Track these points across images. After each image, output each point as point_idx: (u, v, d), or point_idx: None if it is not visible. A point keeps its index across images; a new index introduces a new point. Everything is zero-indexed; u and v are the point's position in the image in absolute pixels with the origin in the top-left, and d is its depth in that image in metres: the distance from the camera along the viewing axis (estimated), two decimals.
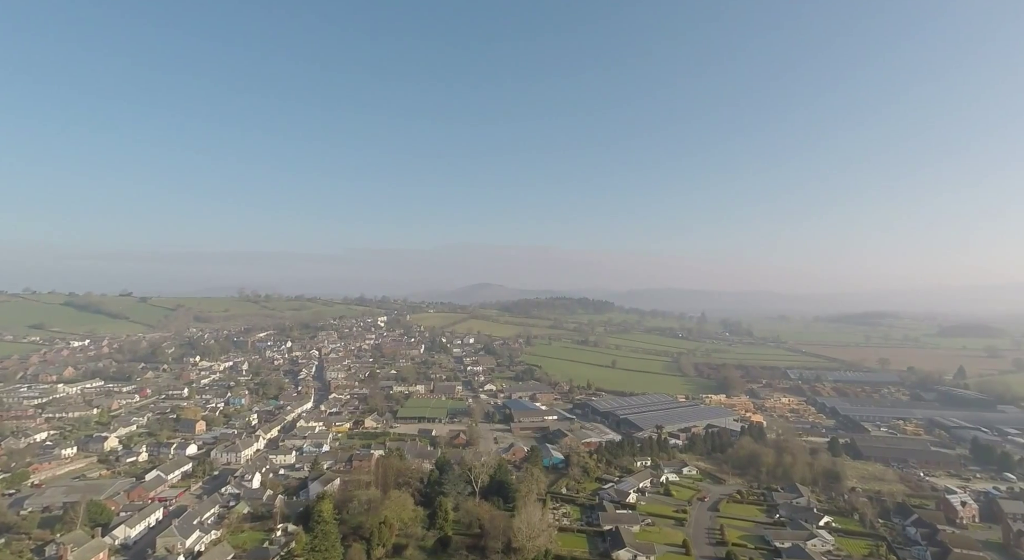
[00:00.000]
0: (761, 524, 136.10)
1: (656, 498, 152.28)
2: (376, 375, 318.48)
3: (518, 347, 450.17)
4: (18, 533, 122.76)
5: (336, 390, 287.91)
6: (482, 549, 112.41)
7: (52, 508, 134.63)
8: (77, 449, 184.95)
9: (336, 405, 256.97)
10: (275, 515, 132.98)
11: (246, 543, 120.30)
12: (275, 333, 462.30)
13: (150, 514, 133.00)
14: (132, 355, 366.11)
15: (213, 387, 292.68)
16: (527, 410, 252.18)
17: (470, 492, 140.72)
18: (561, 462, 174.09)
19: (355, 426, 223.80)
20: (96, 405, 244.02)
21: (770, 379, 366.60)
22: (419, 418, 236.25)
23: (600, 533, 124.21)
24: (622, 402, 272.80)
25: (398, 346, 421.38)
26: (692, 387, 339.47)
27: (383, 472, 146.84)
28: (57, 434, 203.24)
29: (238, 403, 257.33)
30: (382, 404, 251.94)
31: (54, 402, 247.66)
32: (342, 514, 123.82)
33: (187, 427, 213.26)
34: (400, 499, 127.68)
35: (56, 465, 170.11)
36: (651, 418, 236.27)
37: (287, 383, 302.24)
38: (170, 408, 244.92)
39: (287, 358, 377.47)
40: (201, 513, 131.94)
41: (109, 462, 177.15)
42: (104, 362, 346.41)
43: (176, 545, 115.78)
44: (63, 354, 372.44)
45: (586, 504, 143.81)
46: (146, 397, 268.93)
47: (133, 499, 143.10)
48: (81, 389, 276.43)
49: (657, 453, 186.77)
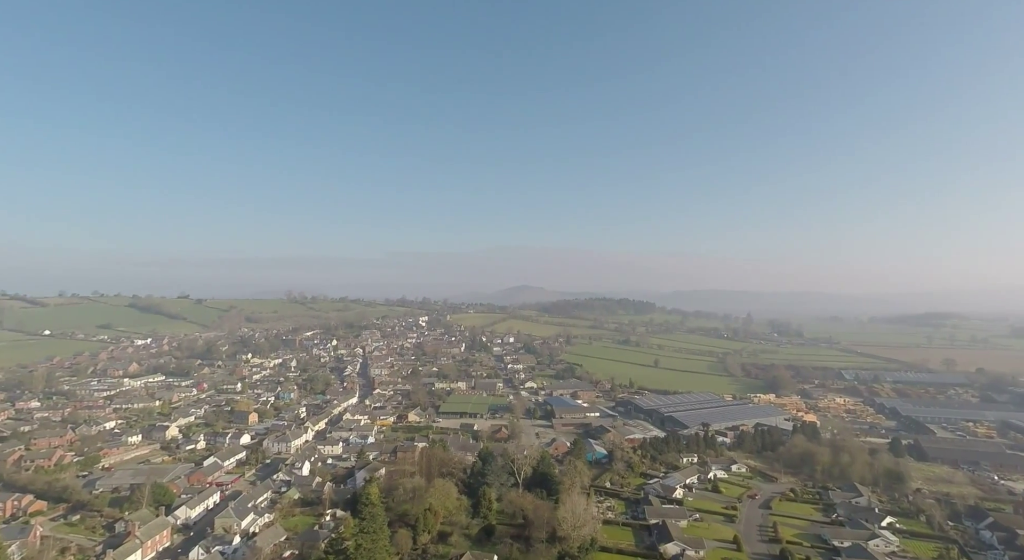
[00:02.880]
0: (817, 523, 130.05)
1: (704, 494, 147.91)
2: (418, 372, 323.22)
3: (558, 346, 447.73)
4: (91, 511, 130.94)
5: (380, 386, 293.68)
6: (526, 539, 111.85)
7: (120, 489, 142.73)
8: (142, 437, 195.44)
9: (380, 400, 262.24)
10: (324, 501, 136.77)
11: (297, 526, 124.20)
12: (321, 332, 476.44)
13: (208, 497, 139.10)
14: (190, 352, 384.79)
15: (264, 382, 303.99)
16: (569, 407, 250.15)
17: (513, 483, 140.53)
18: (604, 457, 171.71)
19: (399, 420, 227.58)
20: (158, 397, 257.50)
21: (823, 379, 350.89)
22: (461, 413, 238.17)
23: (646, 527, 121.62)
24: (666, 400, 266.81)
25: (439, 345, 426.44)
26: (739, 387, 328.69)
27: (427, 462, 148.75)
28: (124, 423, 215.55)
29: (287, 397, 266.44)
30: (424, 400, 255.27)
31: (121, 394, 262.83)
32: (388, 501, 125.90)
33: (241, 419, 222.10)
34: (444, 488, 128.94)
35: (123, 451, 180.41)
36: (696, 416, 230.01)
37: (333, 379, 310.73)
38: (225, 401, 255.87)
39: (333, 356, 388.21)
40: (255, 497, 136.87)
41: (170, 449, 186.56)
42: (165, 359, 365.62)
43: (232, 526, 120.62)
44: (128, 351, 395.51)
45: (631, 498, 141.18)
46: (203, 391, 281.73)
47: (193, 483, 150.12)
48: (144, 383, 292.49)
49: (704, 450, 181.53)
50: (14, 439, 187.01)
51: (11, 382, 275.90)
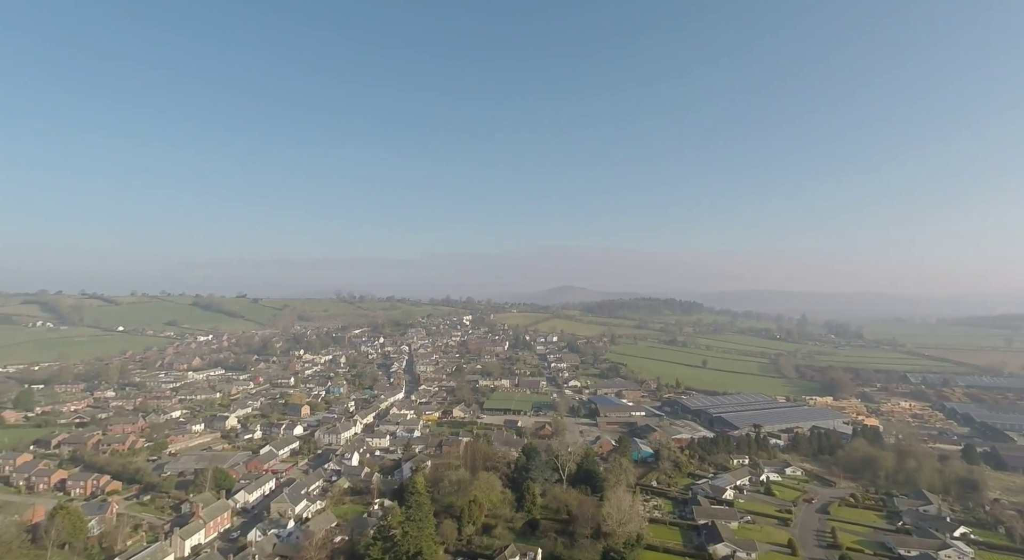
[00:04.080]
0: (881, 530, 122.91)
1: (755, 497, 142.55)
2: (463, 369, 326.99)
3: (602, 346, 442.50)
4: (160, 492, 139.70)
5: (425, 382, 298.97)
6: (570, 534, 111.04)
7: (186, 473, 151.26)
8: (204, 426, 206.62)
9: (426, 396, 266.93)
10: (372, 490, 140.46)
11: (347, 514, 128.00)
12: (369, 330, 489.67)
13: (264, 483, 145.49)
14: (247, 348, 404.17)
15: (315, 377, 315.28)
16: (613, 405, 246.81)
17: (557, 479, 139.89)
18: (650, 456, 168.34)
19: (444, 415, 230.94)
20: (218, 390, 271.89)
21: (886, 383, 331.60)
22: (505, 410, 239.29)
23: (694, 527, 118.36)
24: (714, 401, 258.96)
25: (483, 343, 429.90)
26: (793, 389, 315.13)
27: (471, 456, 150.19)
28: (188, 413, 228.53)
29: (337, 392, 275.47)
30: (469, 396, 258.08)
31: (185, 386, 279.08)
32: (433, 493, 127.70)
33: (294, 411, 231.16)
34: (488, 481, 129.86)
35: (188, 438, 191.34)
36: (747, 417, 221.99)
37: (380, 375, 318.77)
38: (279, 394, 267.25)
39: (380, 353, 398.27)
40: (307, 485, 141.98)
41: (230, 438, 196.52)
42: (224, 354, 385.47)
43: (287, 511, 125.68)
44: (192, 347, 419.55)
45: (678, 498, 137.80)
46: (259, 384, 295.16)
47: (250, 470, 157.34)
48: (206, 376, 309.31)
49: (756, 451, 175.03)
50: (93, 425, 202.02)
51: (90, 373, 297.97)
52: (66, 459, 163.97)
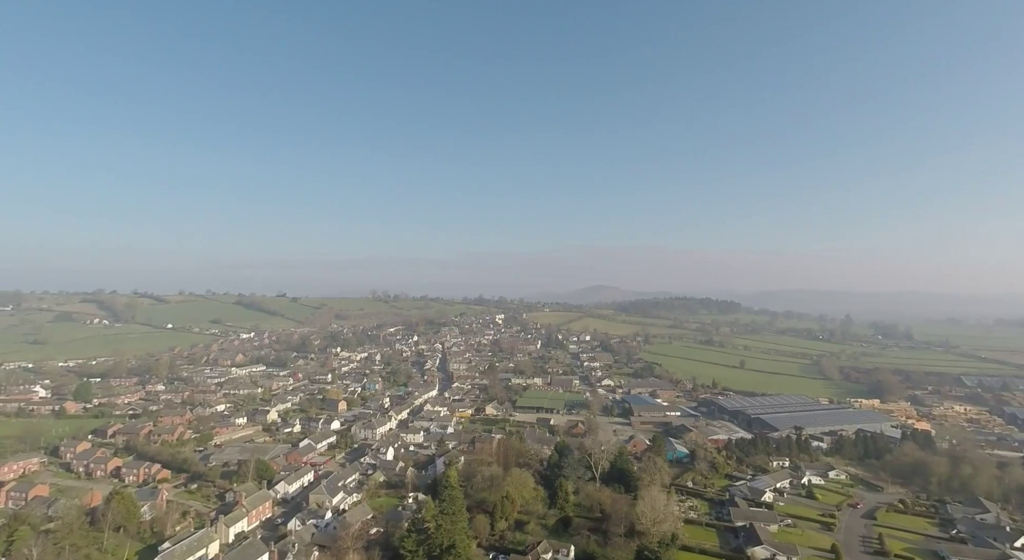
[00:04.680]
0: (933, 538, 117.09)
1: (796, 500, 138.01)
2: (495, 368, 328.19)
3: (636, 345, 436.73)
4: (206, 481, 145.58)
5: (458, 380, 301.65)
6: (603, 532, 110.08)
7: (230, 464, 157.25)
8: (247, 419, 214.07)
9: (459, 393, 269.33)
10: (407, 484, 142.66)
11: (382, 506, 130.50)
12: (403, 328, 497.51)
13: (303, 475, 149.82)
14: (286, 345, 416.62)
15: (351, 374, 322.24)
16: (647, 405, 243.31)
17: (590, 478, 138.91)
18: (686, 456, 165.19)
19: (476, 413, 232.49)
20: (260, 385, 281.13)
21: (938, 385, 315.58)
22: (537, 408, 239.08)
23: (732, 529, 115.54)
24: (752, 402, 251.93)
25: (515, 342, 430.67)
26: (837, 391, 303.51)
27: (504, 452, 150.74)
28: (232, 407, 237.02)
29: (373, 388, 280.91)
30: (501, 394, 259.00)
31: (229, 381, 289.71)
32: (466, 488, 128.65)
33: (331, 406, 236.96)
34: (521, 477, 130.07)
35: (231, 430, 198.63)
36: (788, 419, 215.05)
37: (414, 372, 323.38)
38: (317, 390, 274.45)
39: (414, 350, 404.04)
40: (344, 478, 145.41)
41: (271, 431, 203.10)
42: (265, 351, 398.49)
43: (325, 502, 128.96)
44: (235, 344, 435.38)
45: (715, 499, 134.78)
46: (298, 380, 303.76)
47: (290, 462, 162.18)
48: (249, 372, 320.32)
49: (796, 454, 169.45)
50: (145, 417, 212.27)
51: (142, 368, 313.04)
52: (121, 448, 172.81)
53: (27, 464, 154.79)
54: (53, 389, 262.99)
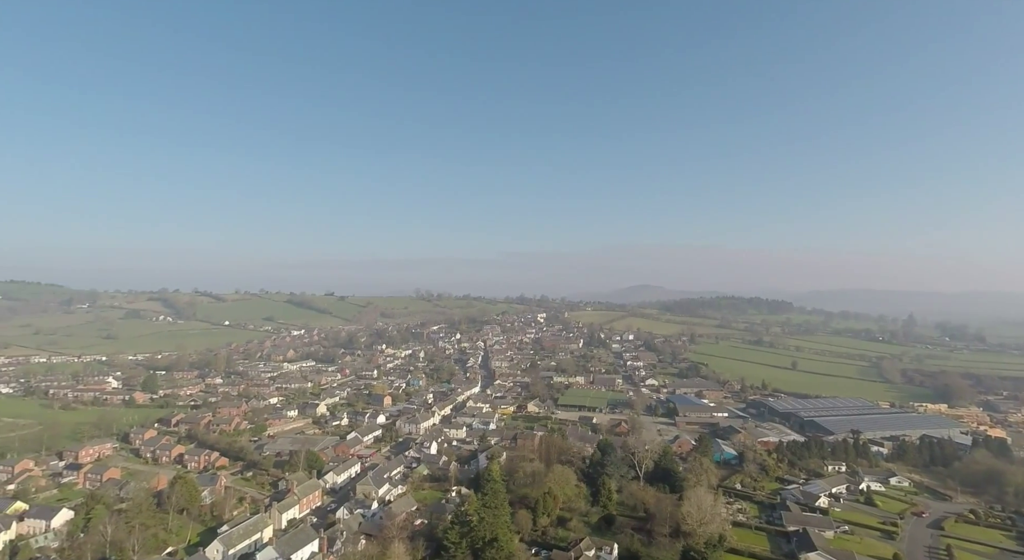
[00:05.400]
0: (1009, 552, 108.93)
1: (854, 506, 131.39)
2: (537, 366, 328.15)
3: (681, 345, 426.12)
4: (260, 469, 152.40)
5: (500, 377, 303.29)
6: (648, 532, 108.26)
7: (282, 454, 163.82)
8: (297, 412, 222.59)
9: (501, 390, 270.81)
10: (450, 478, 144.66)
11: (426, 499, 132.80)
12: (446, 326, 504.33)
13: (351, 467, 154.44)
14: (334, 342, 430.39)
15: (396, 370, 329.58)
16: (693, 405, 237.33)
17: (633, 476, 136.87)
18: (733, 458, 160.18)
19: (518, 410, 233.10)
20: (310, 380, 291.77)
21: (1014, 391, 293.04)
22: (579, 407, 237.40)
23: (783, 533, 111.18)
24: (805, 404, 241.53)
25: (557, 340, 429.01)
26: (899, 394, 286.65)
27: (546, 449, 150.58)
28: (284, 400, 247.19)
29: (416, 384, 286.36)
30: (543, 392, 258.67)
31: (281, 376, 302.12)
32: (509, 484, 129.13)
33: (377, 401, 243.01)
34: (563, 474, 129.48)
35: (283, 422, 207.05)
36: (844, 422, 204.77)
37: (457, 369, 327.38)
38: (363, 385, 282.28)
39: (456, 348, 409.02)
40: (389, 470, 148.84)
41: (320, 423, 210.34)
42: (315, 347, 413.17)
43: (371, 493, 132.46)
44: (287, 340, 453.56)
45: (765, 502, 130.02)
46: (345, 376, 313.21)
47: (338, 453, 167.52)
48: (299, 367, 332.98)
49: (854, 459, 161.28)
50: (204, 407, 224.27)
51: (202, 362, 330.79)
52: (183, 436, 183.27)
53: (102, 449, 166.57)
54: (124, 380, 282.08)
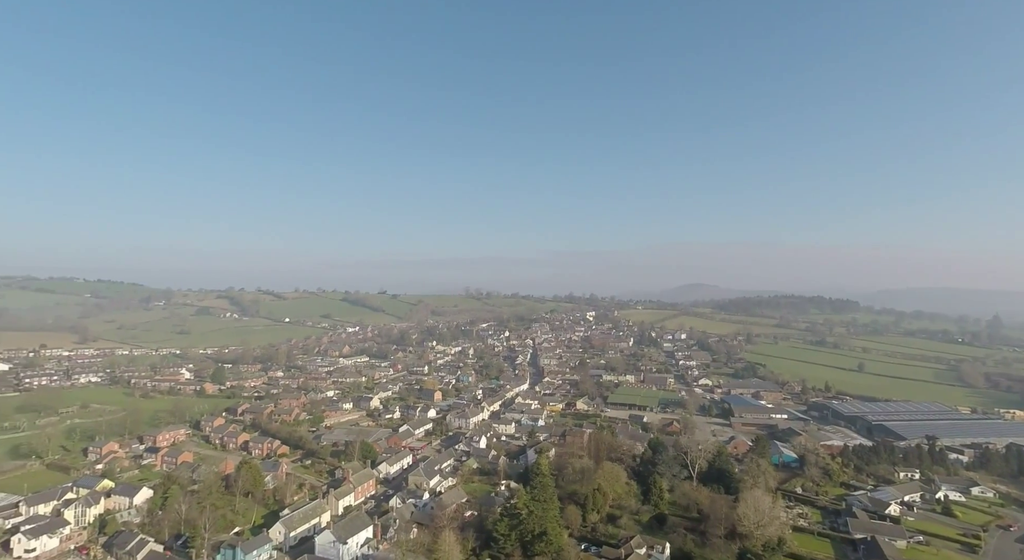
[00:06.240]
0: None
1: (929, 516, 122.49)
2: (586, 364, 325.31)
3: (737, 345, 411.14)
4: (318, 458, 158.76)
5: (549, 375, 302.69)
6: (701, 532, 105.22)
7: (338, 444, 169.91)
8: (352, 405, 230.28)
9: (549, 388, 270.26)
10: (499, 472, 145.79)
11: (475, 491, 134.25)
12: (495, 324, 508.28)
13: (403, 458, 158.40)
14: (387, 339, 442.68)
15: (446, 366, 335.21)
16: (749, 406, 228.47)
17: (686, 476, 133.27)
18: (794, 461, 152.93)
19: (567, 407, 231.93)
20: (364, 374, 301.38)
21: None
22: (630, 405, 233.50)
23: (850, 541, 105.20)
24: (873, 407, 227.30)
25: (607, 339, 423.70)
26: (982, 400, 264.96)
27: (595, 446, 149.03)
28: (339, 393, 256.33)
29: (466, 380, 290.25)
30: (592, 390, 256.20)
31: (337, 370, 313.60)
32: (558, 480, 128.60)
33: (427, 396, 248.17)
34: (613, 471, 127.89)
35: (339, 414, 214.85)
36: (917, 427, 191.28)
37: (506, 366, 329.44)
38: (415, 381, 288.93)
39: (505, 346, 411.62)
40: (440, 462, 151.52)
41: (373, 416, 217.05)
42: (368, 343, 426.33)
43: (423, 483, 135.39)
44: (342, 336, 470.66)
45: (828, 508, 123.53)
46: (397, 371, 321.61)
47: (391, 445, 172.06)
48: (354, 362, 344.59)
49: (929, 466, 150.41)
50: (267, 399, 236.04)
51: (265, 356, 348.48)
52: (248, 425, 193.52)
53: (176, 434, 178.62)
54: (195, 372, 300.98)
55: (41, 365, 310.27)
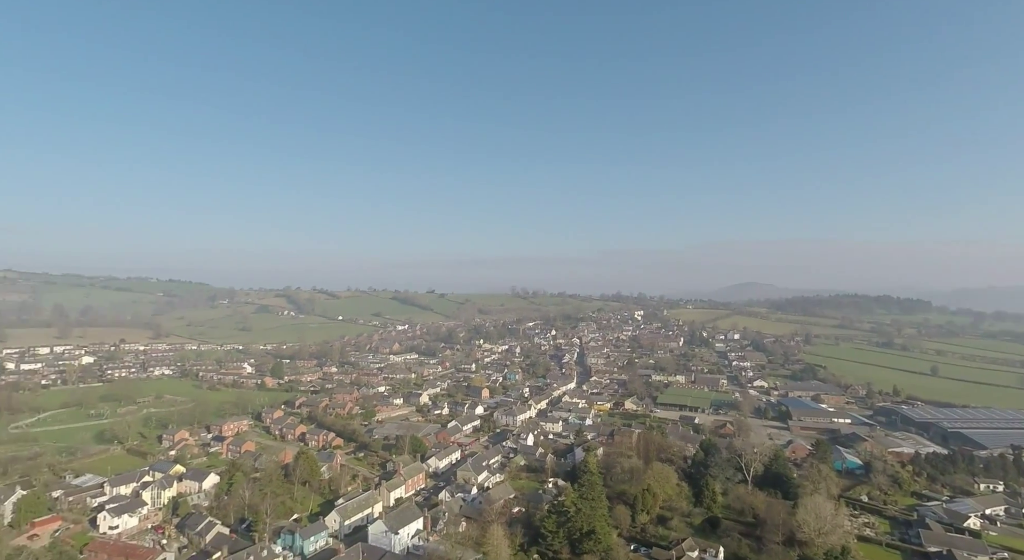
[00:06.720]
0: None
1: (1014, 531, 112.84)
2: (635, 363, 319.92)
3: (794, 345, 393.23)
4: (370, 451, 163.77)
5: (596, 374, 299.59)
6: (757, 537, 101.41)
7: (389, 438, 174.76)
8: (402, 400, 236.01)
9: (597, 387, 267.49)
10: (547, 470, 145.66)
11: (523, 488, 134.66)
12: (541, 323, 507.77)
13: (451, 453, 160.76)
14: (435, 337, 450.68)
15: (493, 364, 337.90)
16: (809, 409, 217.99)
17: (740, 479, 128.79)
18: (858, 468, 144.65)
19: (615, 407, 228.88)
20: (413, 371, 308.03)
21: None
22: (680, 406, 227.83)
23: (922, 555, 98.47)
24: (949, 414, 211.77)
25: (656, 338, 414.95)
26: None
27: (644, 446, 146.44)
28: (390, 389, 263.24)
29: (513, 378, 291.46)
30: (641, 389, 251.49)
31: (388, 367, 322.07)
32: (606, 479, 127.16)
33: (475, 393, 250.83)
34: (663, 472, 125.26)
35: (390, 409, 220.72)
36: (1000, 436, 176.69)
37: (553, 365, 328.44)
38: (462, 378, 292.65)
39: (552, 344, 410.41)
40: (488, 458, 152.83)
41: (423, 412, 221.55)
42: (417, 341, 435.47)
43: (471, 478, 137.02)
44: (392, 334, 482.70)
45: (898, 518, 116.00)
46: (445, 368, 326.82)
47: (439, 440, 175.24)
48: (404, 359, 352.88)
49: (1015, 477, 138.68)
50: (322, 393, 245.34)
51: (320, 353, 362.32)
52: (304, 417, 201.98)
53: (240, 424, 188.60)
54: (256, 367, 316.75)
55: (121, 358, 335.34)
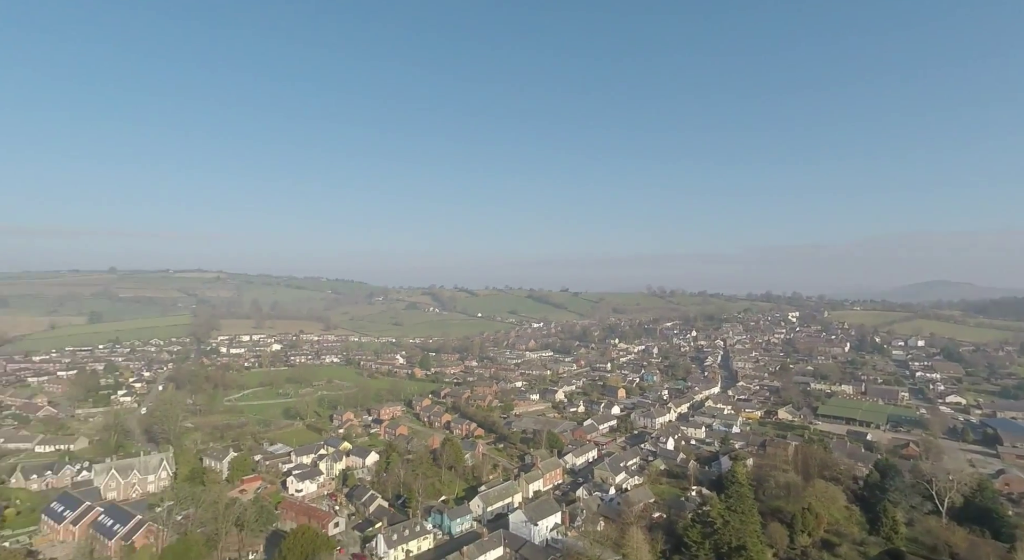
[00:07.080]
0: None
1: None
2: (789, 369, 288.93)
3: (1004, 356, 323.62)
4: (509, 443, 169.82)
5: (744, 379, 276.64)
6: None
7: (526, 431, 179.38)
8: (539, 396, 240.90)
9: (745, 393, 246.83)
10: (689, 477, 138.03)
11: (663, 493, 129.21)
12: (680, 323, 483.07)
13: (588, 451, 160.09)
14: (570, 335, 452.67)
15: (629, 364, 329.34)
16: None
17: (930, 510, 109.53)
18: None
19: (767, 415, 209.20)
20: (548, 368, 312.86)
21: None
22: (847, 419, 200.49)
23: None
24: None
25: (815, 342, 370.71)
26: None
27: (804, 460, 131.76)
28: (527, 384, 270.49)
29: (650, 379, 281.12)
30: (798, 399, 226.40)
31: (524, 363, 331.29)
32: (756, 493, 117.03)
33: (611, 393, 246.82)
34: (829, 491, 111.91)
35: (527, 404, 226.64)
36: None
37: (694, 367, 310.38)
38: (598, 377, 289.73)
39: (692, 346, 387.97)
40: (625, 459, 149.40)
41: (558, 408, 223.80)
42: (552, 339, 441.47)
43: (608, 478, 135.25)
44: (528, 331, 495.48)
45: None
46: (580, 367, 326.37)
47: (575, 437, 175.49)
48: (539, 356, 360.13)
49: None
50: (464, 385, 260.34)
51: (461, 347, 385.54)
52: (449, 407, 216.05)
53: (394, 410, 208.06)
54: (407, 358, 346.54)
55: (300, 346, 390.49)
